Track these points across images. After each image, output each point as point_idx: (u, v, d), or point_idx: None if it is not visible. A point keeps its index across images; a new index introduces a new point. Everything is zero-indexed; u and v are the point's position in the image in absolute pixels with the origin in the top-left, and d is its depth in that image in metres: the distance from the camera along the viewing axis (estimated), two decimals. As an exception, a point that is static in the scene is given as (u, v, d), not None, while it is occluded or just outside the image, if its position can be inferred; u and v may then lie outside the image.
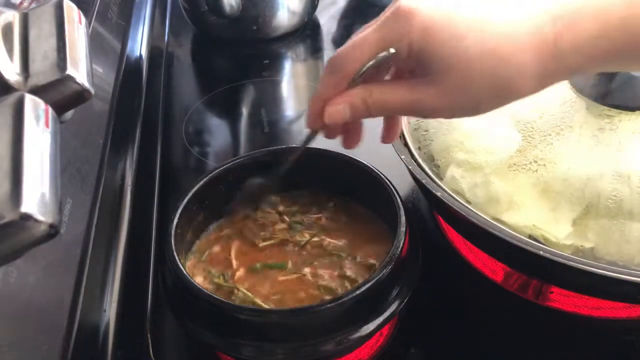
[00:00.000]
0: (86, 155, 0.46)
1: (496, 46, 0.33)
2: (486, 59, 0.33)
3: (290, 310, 0.40)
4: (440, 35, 0.33)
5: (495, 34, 0.33)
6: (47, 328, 0.34)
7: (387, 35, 0.34)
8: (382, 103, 0.36)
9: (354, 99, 0.36)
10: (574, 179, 0.45)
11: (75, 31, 0.35)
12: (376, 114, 0.38)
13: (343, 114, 0.37)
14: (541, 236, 0.44)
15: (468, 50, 0.33)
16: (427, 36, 0.33)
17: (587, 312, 0.49)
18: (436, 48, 0.33)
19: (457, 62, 0.33)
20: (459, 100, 0.35)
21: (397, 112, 0.40)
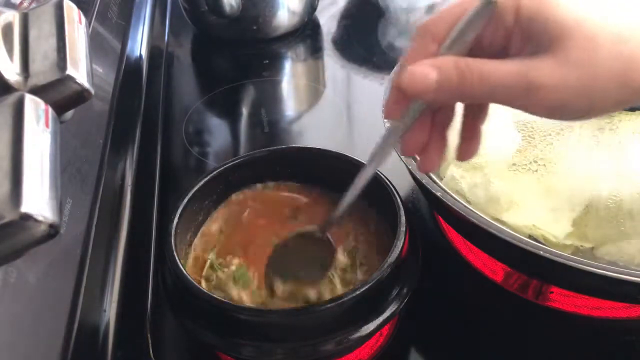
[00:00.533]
0: (86, 155, 0.46)
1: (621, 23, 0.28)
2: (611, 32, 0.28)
3: (290, 310, 0.40)
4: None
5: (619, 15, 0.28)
6: (47, 328, 0.34)
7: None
8: (480, 75, 0.29)
9: (446, 64, 0.29)
10: (574, 179, 0.45)
11: (75, 31, 0.35)
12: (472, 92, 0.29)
13: (429, 80, 0.29)
14: (541, 236, 0.44)
15: (590, 16, 0.28)
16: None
17: (587, 312, 0.49)
18: (553, 10, 0.28)
19: (579, 29, 0.27)
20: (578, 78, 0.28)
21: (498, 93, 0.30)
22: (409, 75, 0.29)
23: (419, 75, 0.29)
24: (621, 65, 0.28)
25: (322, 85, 0.85)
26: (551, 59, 0.28)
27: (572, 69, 0.28)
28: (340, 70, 0.86)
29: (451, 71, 0.29)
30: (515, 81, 0.28)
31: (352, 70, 0.86)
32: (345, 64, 0.87)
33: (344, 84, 0.84)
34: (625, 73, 0.28)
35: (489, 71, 0.28)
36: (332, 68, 0.87)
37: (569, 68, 0.28)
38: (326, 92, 0.82)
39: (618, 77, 0.28)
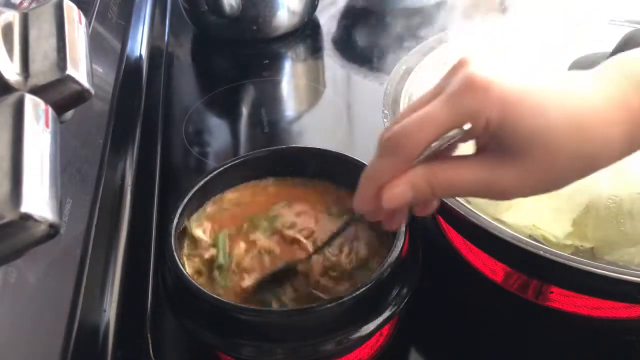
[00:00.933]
0: (86, 155, 0.46)
1: (580, 120, 0.30)
2: (571, 135, 0.30)
3: (290, 310, 0.40)
4: (520, 109, 0.30)
5: (578, 108, 0.30)
6: (47, 328, 0.34)
7: (460, 111, 0.30)
8: (450, 183, 0.32)
9: (417, 181, 0.32)
10: (574, 179, 0.45)
11: (75, 31, 0.35)
12: (441, 196, 0.34)
13: (404, 197, 0.32)
14: (541, 236, 0.44)
15: (551, 126, 0.30)
16: (506, 111, 0.30)
17: (587, 312, 0.49)
18: (517, 124, 0.30)
19: (540, 139, 0.30)
20: (542, 180, 0.31)
21: (466, 194, 0.36)
22: (388, 197, 0.32)
23: (397, 195, 0.32)
24: (581, 164, 0.31)
25: (322, 85, 0.85)
26: (514, 166, 0.31)
27: (534, 174, 0.31)
28: (340, 70, 0.86)
29: (424, 187, 0.32)
30: (480, 188, 0.32)
31: (352, 70, 0.86)
32: (345, 64, 0.87)
33: (344, 84, 0.84)
34: (585, 168, 0.31)
35: (455, 180, 0.32)
36: (332, 68, 0.87)
37: (531, 174, 0.31)
38: (326, 92, 0.82)
39: (577, 171, 0.31)
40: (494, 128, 0.30)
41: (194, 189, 0.47)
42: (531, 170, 0.31)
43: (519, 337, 0.49)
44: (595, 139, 0.30)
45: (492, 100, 0.29)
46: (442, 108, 0.30)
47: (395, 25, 0.94)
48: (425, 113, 0.31)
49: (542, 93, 0.30)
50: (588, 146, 0.30)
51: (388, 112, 0.53)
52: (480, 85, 0.30)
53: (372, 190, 0.33)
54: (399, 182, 0.32)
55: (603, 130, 0.30)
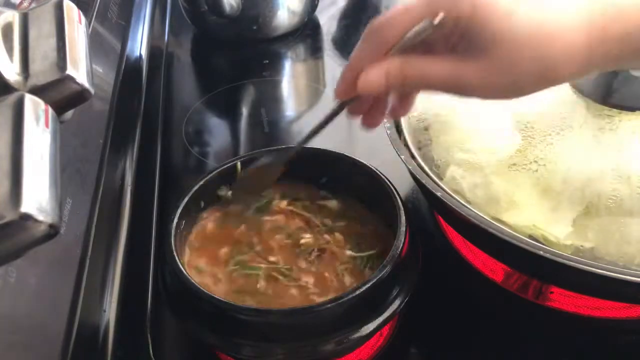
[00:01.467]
0: (86, 155, 0.46)
1: (544, 23, 0.32)
2: (533, 36, 0.32)
3: (290, 310, 0.40)
4: (489, 8, 0.32)
5: (544, 12, 0.32)
6: (47, 328, 0.34)
7: (434, 3, 0.33)
8: (420, 75, 0.34)
9: (391, 68, 0.34)
10: (574, 179, 0.44)
11: (75, 31, 0.35)
12: (411, 87, 0.36)
13: (378, 83, 0.35)
14: (541, 236, 0.44)
15: (515, 25, 0.32)
16: (476, 8, 0.32)
17: (587, 312, 0.49)
18: (485, 22, 0.32)
19: (504, 37, 0.32)
20: (502, 78, 0.33)
21: (434, 87, 0.37)
22: (363, 81, 0.35)
23: (372, 80, 0.35)
24: (540, 67, 0.33)
25: (322, 85, 0.85)
26: (478, 63, 0.33)
27: (496, 72, 0.33)
28: (340, 70, 0.85)
29: (397, 74, 0.34)
30: (448, 80, 0.34)
31: (352, 70, 0.85)
32: (345, 64, 0.86)
33: (344, 84, 0.84)
34: (544, 73, 0.33)
35: (425, 72, 0.34)
36: (332, 68, 0.87)
37: (494, 71, 0.33)
38: (326, 92, 0.82)
39: (536, 76, 0.33)
40: (463, 25, 0.33)
41: (194, 189, 0.47)
42: (492, 68, 0.33)
43: (519, 337, 0.49)
44: (555, 44, 0.32)
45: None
46: (418, 1, 0.34)
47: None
48: (404, 5, 0.34)
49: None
50: (548, 48, 0.32)
51: (388, 112, 0.53)
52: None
53: (352, 76, 0.36)
54: (374, 68, 0.35)
55: (565, 35, 0.32)
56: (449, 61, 0.34)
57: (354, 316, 0.39)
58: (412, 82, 0.35)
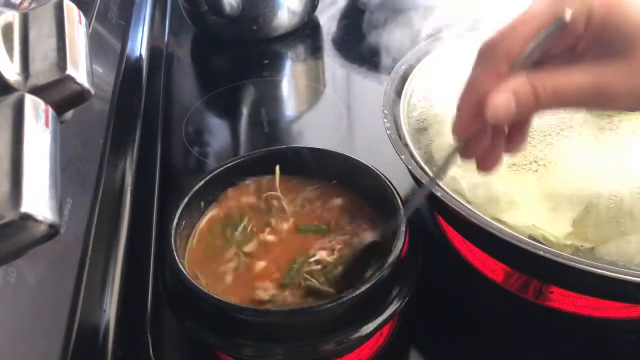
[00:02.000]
0: (86, 155, 0.46)
1: None
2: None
3: (290, 311, 0.40)
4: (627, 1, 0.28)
5: None
6: (47, 328, 0.34)
7: (559, 3, 0.28)
8: (556, 91, 0.29)
9: (520, 87, 0.29)
10: (574, 179, 0.45)
11: (75, 31, 0.35)
12: (547, 106, 0.30)
13: (508, 107, 0.29)
14: (541, 236, 0.44)
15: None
16: (611, 3, 0.28)
17: (587, 312, 0.49)
18: (621, 16, 0.28)
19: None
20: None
21: (572, 102, 0.31)
22: (491, 108, 0.30)
23: (500, 106, 0.30)
24: None
25: (322, 85, 0.85)
26: (623, 65, 0.28)
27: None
28: (340, 70, 0.86)
29: (528, 94, 0.29)
30: (590, 91, 0.29)
31: (352, 70, 0.85)
32: (345, 64, 0.87)
33: (344, 84, 0.84)
34: None
35: (563, 85, 0.29)
36: (332, 68, 0.87)
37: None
38: (326, 92, 0.82)
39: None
40: (598, 23, 0.28)
41: (194, 189, 0.47)
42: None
43: (519, 337, 0.49)
44: None
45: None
46: (540, 3, 0.29)
47: (395, 25, 0.94)
48: (523, 12, 0.29)
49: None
50: None
51: (388, 112, 0.53)
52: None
53: (472, 106, 0.31)
54: (501, 90, 0.29)
55: None
56: (586, 71, 0.29)
57: (354, 316, 0.39)
58: (546, 100, 0.30)
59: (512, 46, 0.29)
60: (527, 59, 0.29)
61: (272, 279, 0.44)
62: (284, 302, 0.42)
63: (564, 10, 0.28)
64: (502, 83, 0.30)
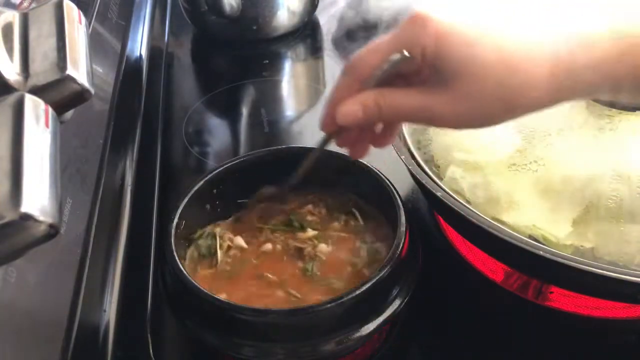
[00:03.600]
0: (86, 155, 0.46)
1: (506, 54, 0.33)
2: (495, 66, 0.33)
3: (290, 311, 0.40)
4: (453, 40, 0.33)
5: (507, 43, 0.33)
6: (47, 328, 0.34)
7: (401, 38, 0.35)
8: (394, 106, 0.36)
9: (367, 100, 0.36)
10: (574, 179, 0.45)
11: (75, 31, 0.35)
12: (387, 117, 0.37)
13: (355, 114, 0.36)
14: (541, 236, 0.44)
15: (478, 56, 0.33)
16: (440, 41, 0.33)
17: (587, 312, 0.49)
18: (448, 53, 0.33)
19: (467, 68, 0.33)
20: (467, 108, 0.34)
21: (407, 118, 0.40)
22: (341, 114, 0.37)
23: (349, 113, 0.37)
24: (504, 97, 0.33)
25: (322, 85, 0.85)
26: (446, 93, 0.34)
27: (463, 101, 0.34)
28: (340, 70, 0.86)
29: (372, 106, 0.36)
30: (418, 112, 0.36)
31: (352, 70, 0.85)
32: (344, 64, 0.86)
33: (344, 84, 0.84)
34: (508, 103, 0.34)
35: (398, 103, 0.36)
36: (332, 68, 0.87)
37: (460, 101, 0.34)
38: (326, 92, 0.82)
39: (502, 105, 0.34)
40: (430, 57, 0.34)
41: (194, 188, 0.47)
42: (460, 97, 0.34)
43: (519, 337, 0.49)
44: (519, 71, 0.33)
45: (428, 30, 0.33)
46: (388, 37, 0.35)
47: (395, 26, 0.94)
48: (376, 42, 0.36)
49: (475, 28, 0.33)
50: (513, 78, 0.33)
51: (388, 112, 0.52)
52: (420, 18, 0.34)
53: (332, 109, 0.38)
54: (351, 100, 0.37)
55: (527, 64, 0.33)
56: (419, 93, 0.36)
57: (354, 316, 0.39)
58: (387, 113, 0.36)
59: (364, 69, 0.36)
60: (375, 79, 0.36)
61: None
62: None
63: (403, 47, 0.34)
64: (354, 95, 0.37)
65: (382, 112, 0.36)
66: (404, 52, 0.35)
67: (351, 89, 0.37)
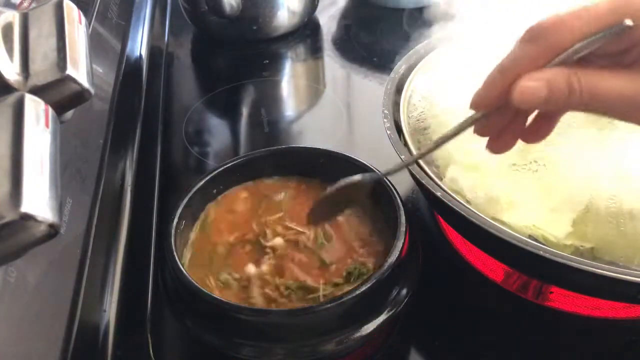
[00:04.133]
0: (86, 155, 0.46)
1: None
2: None
3: (290, 311, 0.40)
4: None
5: None
6: (47, 328, 0.34)
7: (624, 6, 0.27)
8: (593, 89, 0.28)
9: (556, 78, 0.28)
10: (574, 179, 0.44)
11: (75, 31, 0.35)
12: (580, 105, 0.29)
13: (538, 94, 0.28)
14: (541, 236, 0.44)
15: None
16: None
17: (587, 312, 0.49)
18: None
19: None
20: None
21: (605, 106, 0.30)
22: (521, 91, 0.29)
23: (532, 90, 0.29)
24: None
25: (322, 85, 0.85)
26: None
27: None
28: (340, 70, 0.86)
29: (562, 87, 0.28)
30: (625, 98, 0.28)
31: (352, 70, 0.86)
32: (345, 64, 0.87)
33: (344, 84, 0.84)
34: None
35: (603, 88, 0.28)
36: (332, 68, 0.87)
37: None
38: (326, 92, 0.82)
39: None
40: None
41: (194, 188, 0.47)
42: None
43: (519, 337, 0.49)
44: None
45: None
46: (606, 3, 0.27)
47: (395, 25, 0.94)
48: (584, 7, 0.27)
49: None
50: None
51: (388, 112, 0.53)
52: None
53: (504, 81, 0.29)
54: (536, 76, 0.28)
55: None
56: (629, 78, 0.28)
57: (354, 316, 0.39)
58: (580, 98, 0.29)
59: (564, 38, 0.28)
60: (574, 54, 0.28)
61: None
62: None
63: (626, 16, 0.27)
64: (539, 70, 0.29)
65: (576, 97, 0.28)
66: (627, 22, 0.27)
67: (537, 62, 0.29)
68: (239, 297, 0.43)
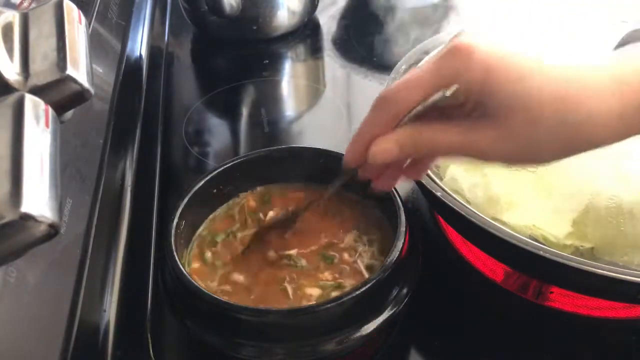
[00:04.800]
0: (86, 155, 0.46)
1: (565, 88, 0.30)
2: (552, 102, 0.30)
3: (290, 310, 0.40)
4: (502, 73, 0.30)
5: (563, 75, 0.30)
6: (47, 328, 0.34)
7: (444, 73, 0.31)
8: (433, 144, 0.33)
9: (403, 138, 0.34)
10: (574, 179, 0.45)
11: (75, 31, 0.35)
12: (424, 155, 0.36)
13: (390, 153, 0.34)
14: (541, 236, 0.44)
15: (533, 91, 0.30)
16: (488, 73, 0.30)
17: (587, 312, 0.49)
18: (498, 88, 0.30)
19: (521, 104, 0.30)
20: (519, 145, 0.31)
21: (447, 155, 0.37)
22: (376, 154, 0.34)
23: (384, 151, 0.34)
24: (563, 134, 0.31)
25: (322, 85, 0.85)
26: (493, 129, 0.31)
27: (514, 139, 0.31)
28: (340, 70, 0.86)
29: (408, 144, 0.34)
30: (459, 148, 0.33)
31: (352, 70, 0.85)
32: (345, 64, 0.87)
33: (344, 84, 0.84)
34: (570, 140, 0.31)
35: (438, 141, 0.33)
36: (332, 68, 0.87)
37: (511, 138, 0.31)
38: (326, 92, 0.82)
39: (562, 143, 0.31)
40: (476, 92, 0.31)
41: (194, 188, 0.47)
42: (511, 134, 0.31)
43: (519, 337, 0.49)
44: (580, 108, 0.30)
45: (474, 63, 0.30)
46: (429, 71, 0.32)
47: (395, 26, 0.94)
48: (415, 76, 0.33)
49: (527, 60, 0.30)
50: (572, 116, 0.30)
51: (388, 112, 0.53)
52: (464, 49, 0.30)
53: (362, 144, 0.35)
54: (386, 138, 0.34)
55: (589, 99, 0.30)
56: (460, 129, 0.33)
57: (354, 316, 0.39)
58: (424, 151, 0.34)
59: (401, 106, 0.33)
60: (412, 116, 0.33)
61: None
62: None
63: (448, 83, 0.31)
64: (389, 132, 0.34)
65: (419, 150, 0.34)
66: (448, 91, 0.31)
67: (386, 126, 0.34)
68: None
